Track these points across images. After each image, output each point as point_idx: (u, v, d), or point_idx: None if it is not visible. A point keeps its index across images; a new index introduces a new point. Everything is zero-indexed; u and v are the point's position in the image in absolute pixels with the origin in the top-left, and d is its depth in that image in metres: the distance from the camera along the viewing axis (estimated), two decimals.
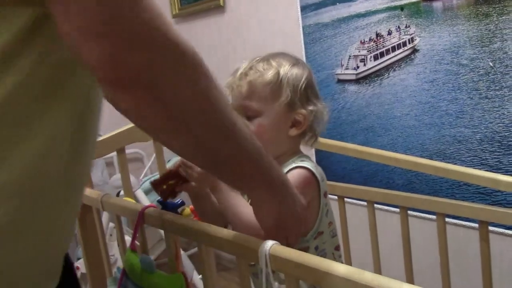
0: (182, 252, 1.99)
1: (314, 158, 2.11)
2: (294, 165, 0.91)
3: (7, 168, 0.51)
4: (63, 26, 0.48)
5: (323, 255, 0.92)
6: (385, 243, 1.55)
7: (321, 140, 1.71)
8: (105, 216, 1.90)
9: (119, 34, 0.48)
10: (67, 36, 0.48)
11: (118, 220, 1.15)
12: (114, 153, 1.37)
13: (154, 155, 1.47)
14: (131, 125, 1.20)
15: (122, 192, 1.55)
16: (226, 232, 0.80)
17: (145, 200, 2.10)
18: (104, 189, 2.07)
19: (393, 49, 1.77)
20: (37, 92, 0.53)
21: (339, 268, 0.64)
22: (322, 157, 2.06)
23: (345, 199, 1.56)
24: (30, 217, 0.55)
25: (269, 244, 0.71)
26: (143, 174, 2.72)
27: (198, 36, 2.58)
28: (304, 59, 2.03)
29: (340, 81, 1.95)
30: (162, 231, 1.00)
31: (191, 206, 1.53)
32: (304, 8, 2.02)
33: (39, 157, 0.54)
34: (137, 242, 0.99)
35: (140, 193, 2.13)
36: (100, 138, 1.26)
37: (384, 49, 1.80)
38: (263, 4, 2.20)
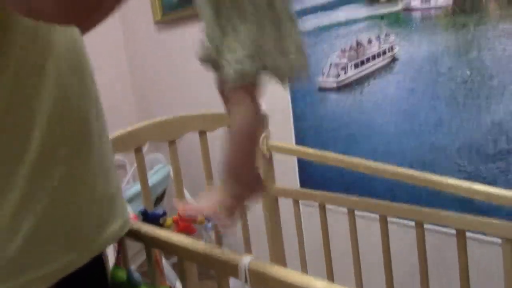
0: (164, 261, 1.98)
1: (296, 165, 2.12)
2: None
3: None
4: None
5: None
6: (367, 251, 1.56)
7: (302, 149, 1.72)
8: None
9: None
10: None
11: None
12: None
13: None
14: (114, 135, 1.20)
15: None
16: (205, 247, 0.80)
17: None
18: None
19: (373, 57, 1.79)
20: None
21: (318, 285, 0.64)
22: (304, 164, 2.07)
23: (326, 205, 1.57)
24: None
25: (248, 259, 0.72)
26: (125, 182, 2.70)
27: (181, 42, 2.57)
28: None
29: (321, 89, 1.96)
30: None
31: (174, 217, 1.53)
32: None
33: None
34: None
35: None
36: None
37: (364, 57, 1.82)
38: None
